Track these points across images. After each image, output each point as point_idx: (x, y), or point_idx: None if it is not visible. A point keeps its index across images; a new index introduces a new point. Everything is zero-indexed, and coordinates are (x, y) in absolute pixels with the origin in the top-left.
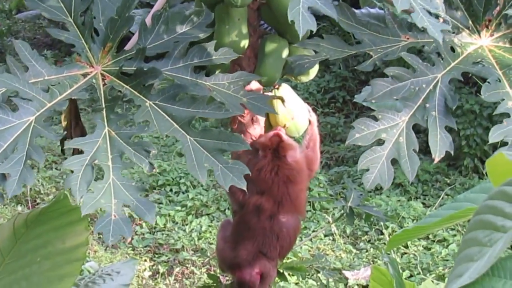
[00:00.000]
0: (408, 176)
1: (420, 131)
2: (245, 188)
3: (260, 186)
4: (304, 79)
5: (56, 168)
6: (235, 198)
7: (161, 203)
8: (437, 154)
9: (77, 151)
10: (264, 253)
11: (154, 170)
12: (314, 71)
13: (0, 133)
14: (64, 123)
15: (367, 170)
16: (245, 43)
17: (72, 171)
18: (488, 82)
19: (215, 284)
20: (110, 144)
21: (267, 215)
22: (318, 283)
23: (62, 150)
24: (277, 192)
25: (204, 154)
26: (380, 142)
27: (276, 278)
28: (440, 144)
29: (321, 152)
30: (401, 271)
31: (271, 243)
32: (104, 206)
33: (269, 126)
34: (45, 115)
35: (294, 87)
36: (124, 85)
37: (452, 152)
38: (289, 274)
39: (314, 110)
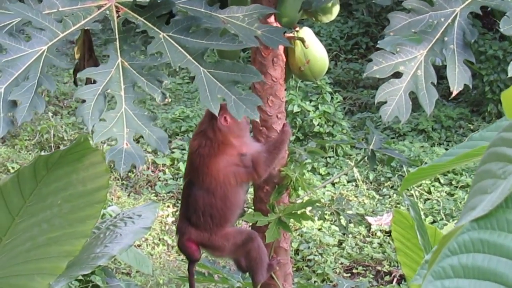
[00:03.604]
0: (426, 109)
1: (443, 77)
2: (258, 119)
3: (190, 148)
4: (325, 19)
5: None
6: None
7: (184, 149)
8: (455, 87)
9: (89, 82)
10: (190, 221)
11: (166, 100)
12: (335, 11)
13: (12, 61)
14: (77, 55)
15: (385, 102)
16: None
17: (84, 101)
18: (507, 16)
19: None
20: (123, 75)
21: (187, 182)
22: (339, 227)
23: (75, 81)
24: (195, 160)
25: (218, 85)
26: (398, 75)
27: (293, 222)
28: (459, 77)
29: (344, 99)
30: (424, 217)
31: (195, 212)
32: (116, 134)
33: (288, 69)
34: (57, 45)
35: (317, 33)
36: (138, 17)
37: (470, 86)
38: (299, 220)
39: (337, 56)
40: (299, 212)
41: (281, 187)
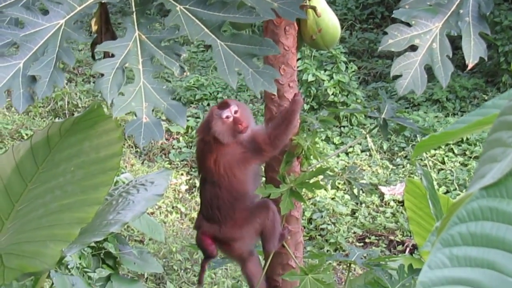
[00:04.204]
0: (442, 82)
1: (458, 47)
2: (275, 92)
3: (198, 143)
4: None
5: (93, 82)
6: None
7: (198, 117)
8: (471, 60)
9: (108, 56)
10: (204, 215)
11: (184, 74)
12: None
13: (31, 35)
14: (94, 28)
15: (400, 76)
16: None
17: (102, 74)
18: None
19: None
20: (141, 48)
21: (203, 178)
22: (351, 196)
23: (93, 55)
24: (197, 155)
25: (235, 58)
26: (413, 48)
27: (304, 191)
28: (474, 50)
29: (359, 68)
30: (437, 187)
31: (205, 205)
32: (134, 109)
33: (299, 37)
34: (75, 19)
35: (333, 3)
36: None
37: (486, 58)
38: (312, 189)
39: (352, 25)
40: (311, 181)
41: (288, 156)
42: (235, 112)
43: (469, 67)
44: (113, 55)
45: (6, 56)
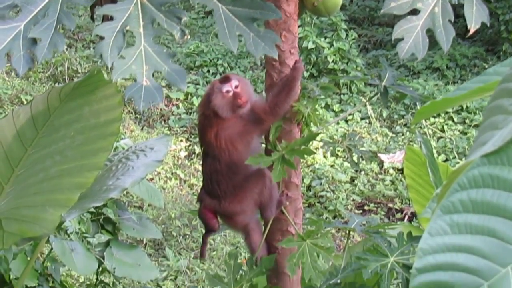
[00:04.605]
0: (443, 46)
1: (460, 15)
2: (276, 57)
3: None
4: None
5: (93, 48)
6: None
7: (198, 83)
8: (473, 25)
9: (107, 19)
10: (206, 191)
11: (185, 37)
12: None
13: None
14: None
15: (402, 39)
16: None
17: (103, 38)
18: None
19: None
20: (142, 11)
21: (205, 153)
22: (351, 164)
23: (92, 18)
24: (199, 129)
25: (236, 22)
26: (415, 12)
27: (307, 160)
28: (476, 15)
29: (359, 36)
30: (436, 155)
31: (205, 179)
32: (135, 72)
33: (301, 4)
34: None
35: None
36: None
37: (488, 24)
38: (302, 155)
39: None
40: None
41: (277, 123)
42: (236, 87)
43: (470, 32)
44: (112, 18)
45: (6, 19)
